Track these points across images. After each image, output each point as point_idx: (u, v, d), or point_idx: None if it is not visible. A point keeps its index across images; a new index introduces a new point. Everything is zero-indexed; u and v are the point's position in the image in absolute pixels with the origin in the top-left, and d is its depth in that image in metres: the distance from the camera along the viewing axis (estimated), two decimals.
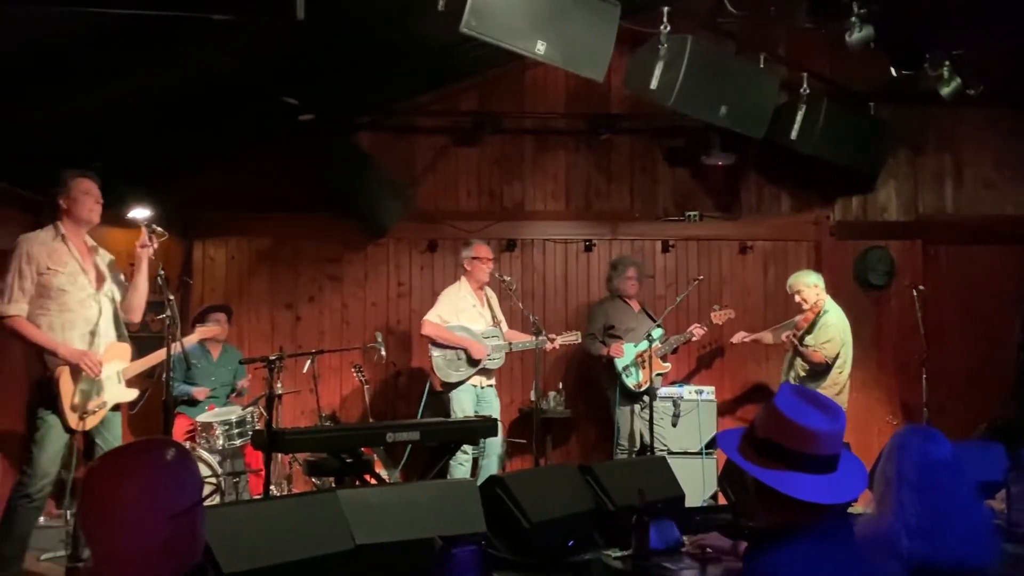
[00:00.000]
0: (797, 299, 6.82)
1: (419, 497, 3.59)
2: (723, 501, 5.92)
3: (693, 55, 5.95)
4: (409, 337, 7.92)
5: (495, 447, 6.55)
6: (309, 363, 6.73)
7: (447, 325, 6.56)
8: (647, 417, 6.65)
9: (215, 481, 5.91)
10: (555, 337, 6.67)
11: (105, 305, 4.70)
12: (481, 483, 3.88)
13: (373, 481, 5.53)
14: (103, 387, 4.62)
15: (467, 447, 6.33)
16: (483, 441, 6.35)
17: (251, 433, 6.10)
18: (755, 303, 8.11)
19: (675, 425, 7.06)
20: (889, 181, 8.33)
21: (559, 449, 7.92)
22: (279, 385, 5.87)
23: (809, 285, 6.78)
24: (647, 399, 6.69)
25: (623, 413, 6.97)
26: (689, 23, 6.35)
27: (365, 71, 6.83)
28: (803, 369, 6.82)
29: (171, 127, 6.55)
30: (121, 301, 4.79)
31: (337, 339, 7.78)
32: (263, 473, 5.28)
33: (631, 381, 6.90)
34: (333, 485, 5.43)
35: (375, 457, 6.47)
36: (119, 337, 4.79)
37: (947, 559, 2.51)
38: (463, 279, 6.80)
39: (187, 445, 6.03)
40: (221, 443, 6.22)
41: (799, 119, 7.00)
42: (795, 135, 7.03)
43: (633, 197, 8.30)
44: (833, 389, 6.61)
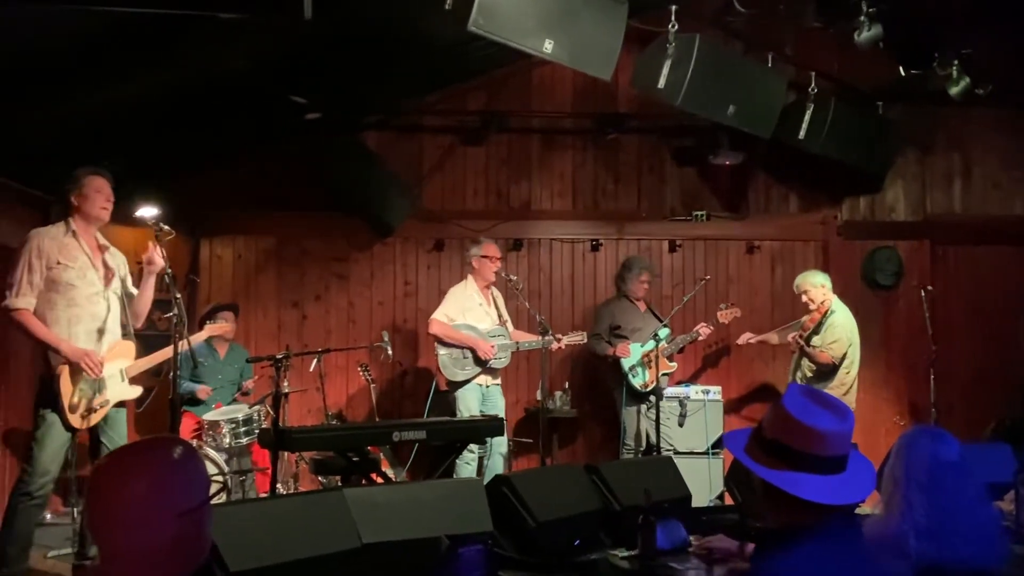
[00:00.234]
0: (804, 299, 6.80)
1: (425, 496, 3.58)
2: (730, 501, 5.91)
3: (701, 54, 5.94)
4: (415, 336, 7.92)
5: (499, 446, 6.55)
6: (316, 362, 6.74)
7: (453, 324, 6.56)
8: (653, 417, 6.64)
9: (222, 479, 5.92)
10: (561, 337, 6.66)
11: (113, 302, 4.71)
12: (487, 482, 3.88)
13: (379, 480, 5.53)
14: (105, 385, 4.61)
15: (473, 446, 6.33)
16: (489, 440, 6.35)
17: (258, 431, 6.11)
18: (762, 303, 8.09)
19: (682, 425, 7.05)
20: (897, 181, 8.31)
21: (565, 449, 7.91)
22: (286, 384, 5.87)
23: (816, 285, 6.77)
24: (653, 399, 6.69)
25: (629, 413, 6.96)
26: (697, 22, 6.34)
27: (372, 70, 6.83)
28: (810, 369, 6.80)
29: (178, 126, 6.56)
30: (126, 305, 4.79)
31: (343, 338, 7.79)
32: (270, 471, 5.29)
33: (637, 381, 6.89)
34: (339, 484, 5.44)
35: (381, 456, 6.48)
36: (124, 335, 4.79)
37: (955, 560, 2.49)
38: (470, 278, 6.80)
39: (194, 443, 6.04)
40: (228, 441, 6.23)
41: (807, 119, 6.98)
42: (803, 135, 7.02)
43: (640, 197, 8.29)
44: (840, 389, 6.59)
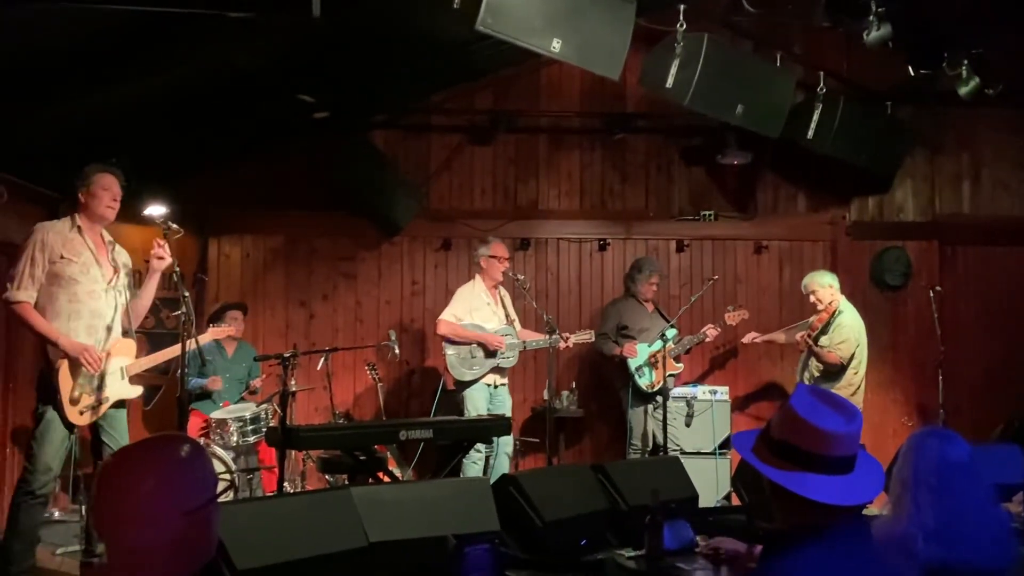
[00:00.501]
0: (812, 299, 6.79)
1: (432, 495, 3.59)
2: (737, 502, 5.90)
3: (709, 54, 5.93)
4: (423, 335, 7.93)
5: (506, 446, 6.55)
6: (323, 361, 6.74)
7: (461, 323, 6.56)
8: (660, 417, 6.63)
9: (229, 477, 5.93)
10: (569, 336, 6.65)
11: (114, 300, 4.69)
12: (494, 482, 3.88)
13: (386, 479, 5.54)
14: (105, 382, 4.59)
15: (480, 445, 6.33)
16: (495, 439, 6.34)
17: (265, 430, 6.13)
18: (770, 303, 8.08)
19: (688, 425, 7.04)
20: (906, 181, 8.28)
21: (572, 448, 7.91)
22: (293, 382, 5.88)
23: (824, 285, 6.75)
24: (660, 399, 6.68)
25: (636, 413, 6.95)
26: (705, 21, 6.32)
27: (380, 69, 6.84)
28: (817, 369, 6.78)
29: (187, 124, 6.58)
30: (127, 303, 4.77)
31: (351, 337, 7.80)
32: (277, 470, 5.30)
33: (644, 382, 6.88)
34: (346, 482, 5.44)
35: (388, 455, 6.48)
36: (125, 333, 4.77)
37: (963, 562, 2.49)
38: (478, 277, 6.80)
39: (201, 441, 6.06)
40: (235, 440, 6.25)
41: (815, 118, 6.95)
42: (811, 134, 6.99)
43: (648, 196, 8.28)
44: (848, 390, 6.57)
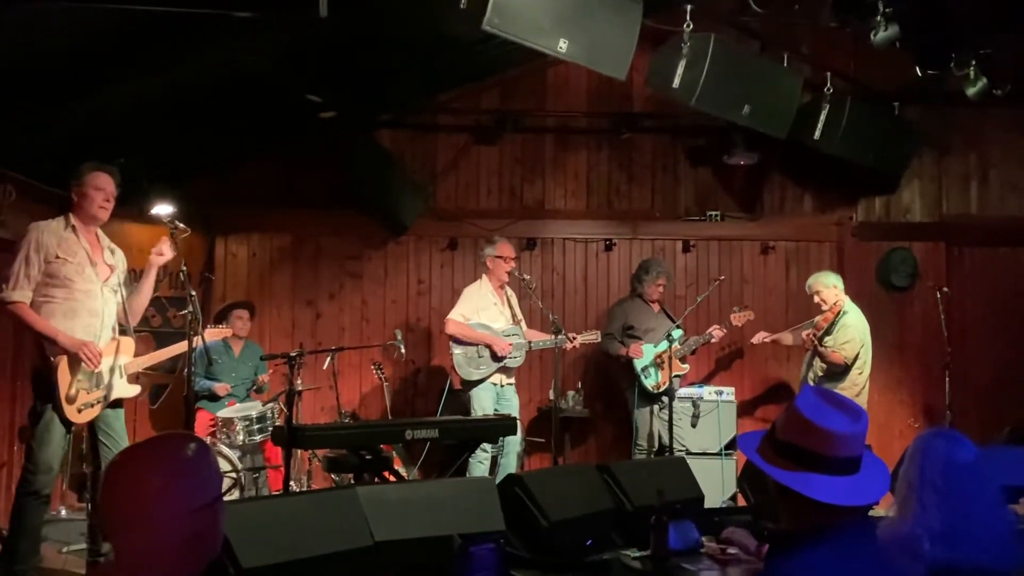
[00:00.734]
0: (816, 299, 6.82)
1: (438, 495, 3.59)
2: (743, 502, 5.89)
3: (716, 54, 5.92)
4: (429, 335, 7.93)
5: (513, 445, 6.55)
6: (329, 360, 6.76)
7: (468, 323, 6.57)
8: (666, 418, 6.63)
9: (235, 476, 5.94)
10: (575, 336, 6.65)
11: (110, 299, 4.69)
12: (500, 481, 3.88)
13: (392, 478, 5.54)
14: (102, 380, 4.59)
15: (486, 445, 6.33)
16: (502, 439, 6.35)
17: (271, 429, 6.13)
18: (776, 304, 8.06)
19: (694, 426, 7.04)
20: (913, 182, 8.26)
21: (577, 448, 7.90)
22: (299, 381, 5.88)
23: (828, 286, 6.77)
24: (666, 400, 6.68)
25: (642, 414, 6.95)
26: (712, 21, 6.31)
27: (387, 69, 6.84)
28: (821, 370, 6.80)
29: (194, 124, 6.59)
30: (124, 302, 4.77)
31: (357, 336, 7.82)
32: (283, 469, 5.31)
33: (650, 382, 6.87)
34: (352, 482, 5.45)
35: (394, 454, 6.49)
36: (122, 332, 4.77)
37: (969, 564, 2.48)
38: (484, 277, 6.80)
39: (208, 440, 6.07)
40: (241, 439, 6.26)
41: (822, 119, 6.94)
42: (818, 135, 6.98)
43: (654, 196, 8.27)
44: (852, 390, 6.58)
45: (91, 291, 4.58)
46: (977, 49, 6.53)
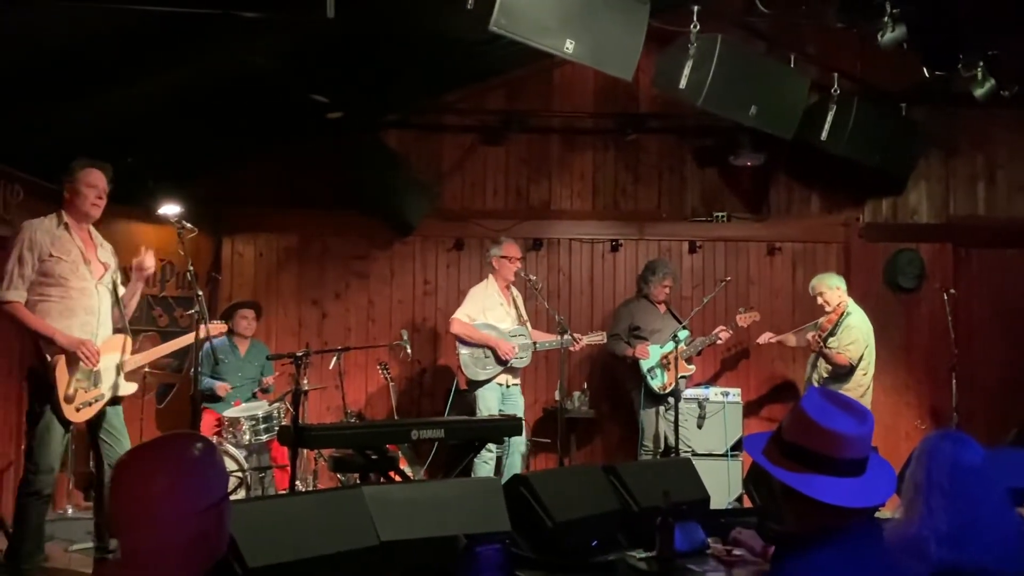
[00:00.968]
0: (819, 301, 6.83)
1: (444, 495, 3.59)
2: (749, 504, 5.89)
3: (723, 54, 5.92)
4: (435, 335, 7.94)
5: (518, 446, 6.55)
6: (335, 360, 6.77)
7: (474, 323, 6.57)
8: (672, 418, 6.62)
9: (241, 476, 5.95)
10: (581, 337, 6.65)
11: (105, 296, 4.66)
12: (505, 482, 3.88)
13: (398, 478, 5.54)
14: (100, 378, 4.57)
15: (492, 445, 6.33)
16: (507, 440, 6.35)
17: (277, 429, 6.13)
18: (783, 305, 8.05)
19: (700, 427, 7.03)
20: (920, 183, 8.24)
21: (583, 449, 7.90)
22: (305, 381, 5.89)
23: (831, 287, 6.78)
24: (671, 401, 6.67)
25: (648, 415, 6.94)
26: (719, 22, 6.30)
27: (393, 69, 6.85)
28: (826, 371, 6.80)
29: (200, 124, 6.60)
30: (119, 299, 4.74)
31: (363, 336, 7.83)
32: (289, 469, 5.31)
33: (656, 383, 6.87)
34: (358, 481, 5.45)
35: (400, 454, 6.49)
36: (119, 330, 4.74)
37: (975, 566, 2.47)
38: (490, 277, 6.80)
39: (214, 440, 6.08)
40: (248, 438, 6.26)
41: (829, 120, 6.93)
42: (825, 136, 6.97)
43: (661, 197, 8.26)
44: (857, 391, 6.58)
45: (86, 289, 4.56)
46: (984, 50, 6.52)
